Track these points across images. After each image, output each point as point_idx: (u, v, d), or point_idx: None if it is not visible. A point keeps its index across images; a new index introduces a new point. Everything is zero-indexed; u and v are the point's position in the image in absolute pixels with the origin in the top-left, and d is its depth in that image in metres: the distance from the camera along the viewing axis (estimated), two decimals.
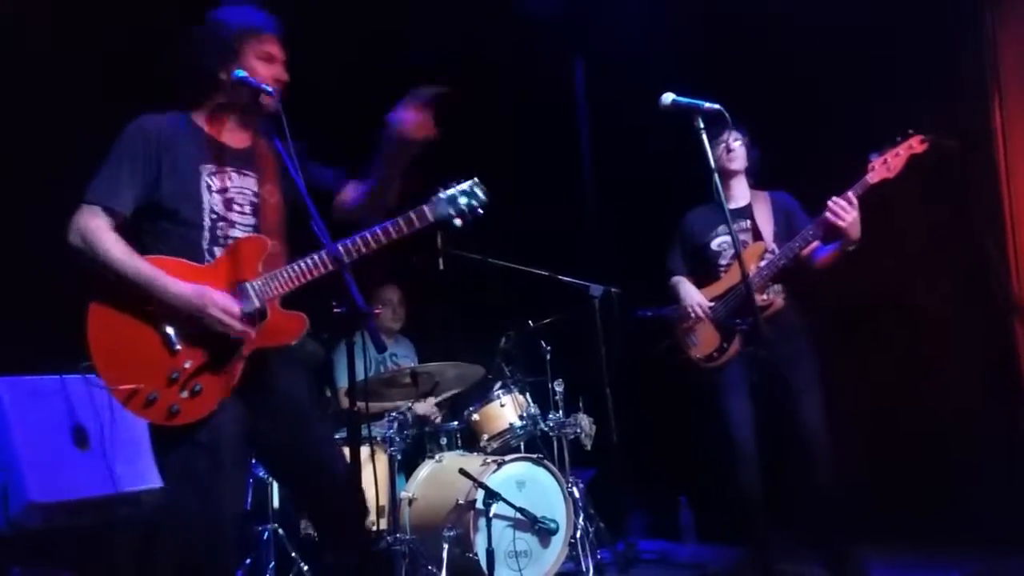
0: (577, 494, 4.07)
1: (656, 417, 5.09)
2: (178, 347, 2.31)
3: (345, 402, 4.53)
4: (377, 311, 4.80)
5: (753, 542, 3.59)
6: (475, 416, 4.26)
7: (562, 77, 5.98)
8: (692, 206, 3.88)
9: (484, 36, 5.28)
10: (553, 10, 5.48)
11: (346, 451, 2.46)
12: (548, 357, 4.47)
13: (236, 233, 2.46)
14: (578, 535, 3.98)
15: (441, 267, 4.49)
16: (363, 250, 2.48)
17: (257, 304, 2.39)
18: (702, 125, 2.80)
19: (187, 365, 2.31)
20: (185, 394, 2.29)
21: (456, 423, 4.33)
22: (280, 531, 3.92)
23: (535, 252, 4.63)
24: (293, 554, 3.88)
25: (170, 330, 2.31)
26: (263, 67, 2.48)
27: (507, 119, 5.54)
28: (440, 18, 5.11)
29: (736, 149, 3.68)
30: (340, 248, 2.43)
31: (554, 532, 3.77)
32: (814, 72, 4.54)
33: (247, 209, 2.49)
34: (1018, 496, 3.82)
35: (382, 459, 4.04)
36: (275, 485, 3.97)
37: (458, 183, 2.61)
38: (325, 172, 2.66)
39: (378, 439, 4.07)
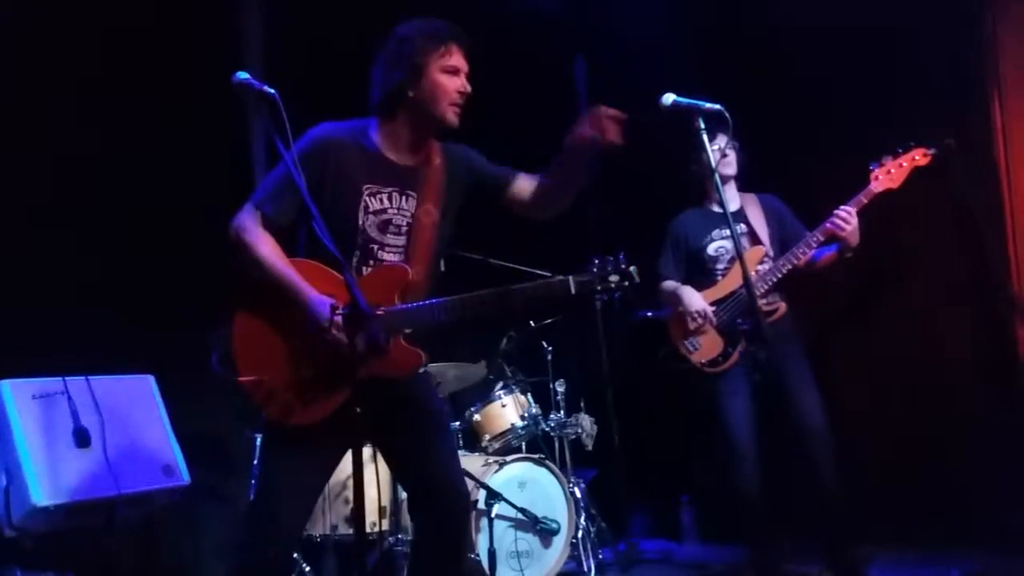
0: (579, 494, 4.08)
1: (657, 417, 5.09)
2: (302, 354, 2.38)
3: None
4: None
5: (754, 543, 3.60)
6: (476, 416, 4.27)
7: (563, 76, 5.97)
8: (682, 209, 3.87)
9: (483, 34, 5.27)
10: (553, 8, 5.48)
11: (348, 452, 2.48)
12: (549, 357, 4.48)
13: (386, 255, 2.51)
14: (579, 535, 4.00)
15: (442, 267, 4.49)
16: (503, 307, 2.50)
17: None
18: (703, 126, 2.81)
19: (305, 374, 2.39)
20: (299, 401, 2.38)
21: (457, 423, 4.33)
22: None
23: (536, 252, 4.63)
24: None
25: (299, 336, 2.38)
26: (447, 80, 2.50)
27: (507, 118, 5.54)
28: (436, 15, 5.10)
29: (730, 154, 3.68)
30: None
31: (555, 532, 3.78)
32: (814, 72, 4.53)
33: (403, 230, 2.53)
34: (1019, 496, 3.82)
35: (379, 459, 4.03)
36: None
37: (614, 262, 2.52)
38: (496, 169, 2.68)
39: None
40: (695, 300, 3.65)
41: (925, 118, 4.06)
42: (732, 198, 3.75)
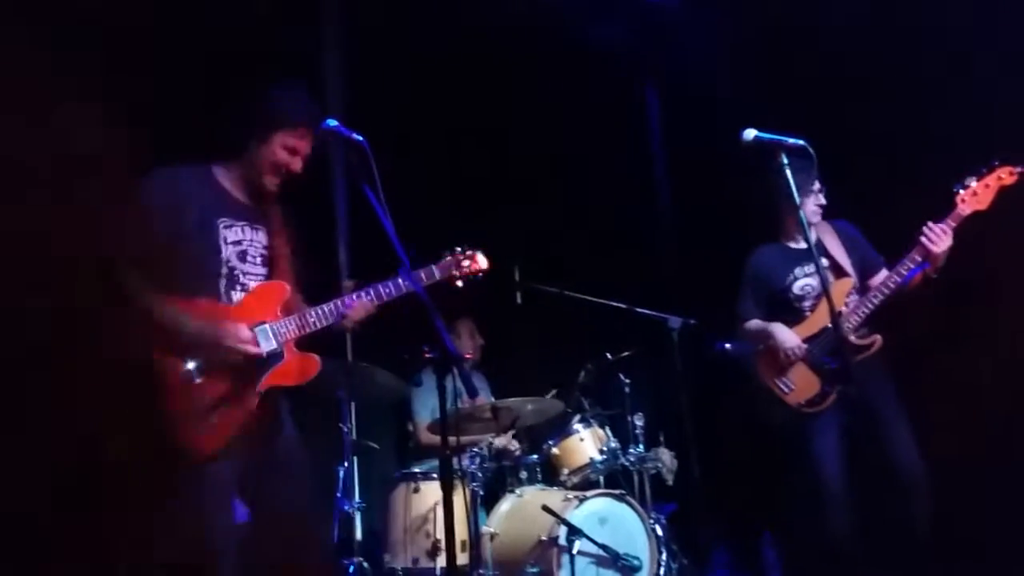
0: (659, 531, 4.03)
1: (738, 451, 5.01)
2: (198, 380, 2.46)
3: (425, 436, 4.59)
4: (468, 356, 4.86)
5: None
6: (554, 450, 4.26)
7: (636, 105, 5.99)
8: (758, 244, 3.79)
9: (555, 66, 5.31)
10: (622, 37, 5.50)
11: (437, 485, 2.52)
12: (627, 390, 4.45)
13: (250, 282, 2.67)
14: (661, 572, 3.93)
15: (519, 301, 4.52)
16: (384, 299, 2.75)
17: (275, 344, 2.58)
18: (786, 161, 2.78)
19: (208, 400, 2.46)
20: (204, 427, 2.43)
21: (535, 457, 4.32)
22: (365, 564, 3.96)
23: (612, 284, 4.62)
24: None
25: (191, 364, 2.46)
26: (283, 154, 2.68)
27: (581, 150, 5.57)
28: (506, 44, 5.15)
29: (823, 202, 3.61)
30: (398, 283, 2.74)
31: (637, 569, 3.73)
32: (891, 97, 4.45)
33: (258, 261, 2.71)
34: None
35: (464, 493, 4.04)
36: (359, 518, 4.02)
37: (464, 250, 2.95)
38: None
39: (461, 473, 4.08)
40: (789, 337, 3.54)
41: (1002, 138, 3.92)
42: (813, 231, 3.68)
